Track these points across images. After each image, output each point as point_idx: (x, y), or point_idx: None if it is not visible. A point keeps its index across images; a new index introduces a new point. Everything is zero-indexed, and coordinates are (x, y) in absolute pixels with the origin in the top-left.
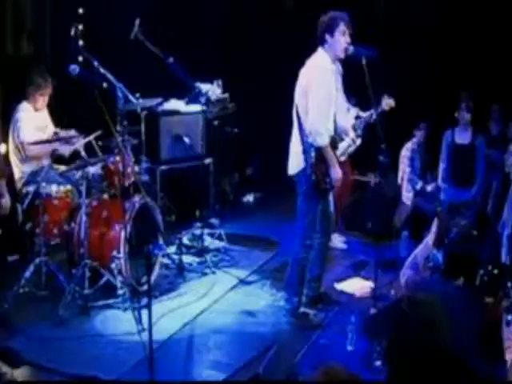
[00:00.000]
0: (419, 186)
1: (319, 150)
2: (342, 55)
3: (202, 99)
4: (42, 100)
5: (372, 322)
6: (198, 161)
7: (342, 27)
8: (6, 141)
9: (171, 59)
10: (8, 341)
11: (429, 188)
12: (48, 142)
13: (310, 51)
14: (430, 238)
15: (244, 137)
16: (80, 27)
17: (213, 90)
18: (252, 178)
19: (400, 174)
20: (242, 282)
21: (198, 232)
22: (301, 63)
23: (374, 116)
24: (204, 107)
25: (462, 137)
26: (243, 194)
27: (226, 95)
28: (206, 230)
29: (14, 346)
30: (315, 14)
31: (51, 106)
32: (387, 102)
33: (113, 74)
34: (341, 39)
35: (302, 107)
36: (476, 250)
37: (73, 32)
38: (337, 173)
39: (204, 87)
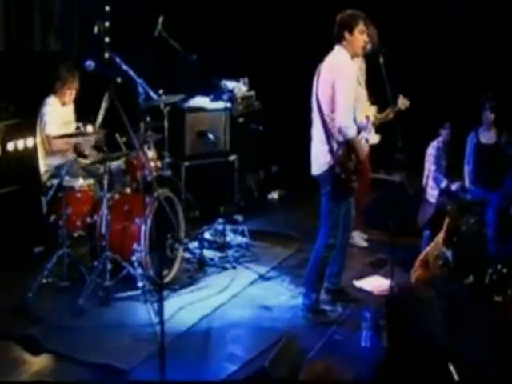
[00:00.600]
0: (444, 184)
1: (348, 145)
2: (360, 53)
3: (227, 97)
4: (69, 94)
5: None
6: (222, 157)
7: (361, 25)
8: (33, 134)
9: (194, 56)
10: (29, 329)
11: (453, 187)
12: (70, 136)
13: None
14: (440, 237)
15: (269, 134)
16: (105, 24)
17: (238, 87)
18: (277, 175)
19: (425, 173)
20: (262, 277)
21: (220, 227)
22: None
23: (391, 115)
24: (229, 104)
25: (487, 137)
26: (268, 191)
27: (252, 93)
28: (229, 226)
29: (34, 334)
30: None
31: (77, 101)
32: (403, 102)
33: (135, 71)
34: (359, 37)
35: (325, 105)
36: (485, 248)
37: (96, 29)
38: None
39: (230, 85)
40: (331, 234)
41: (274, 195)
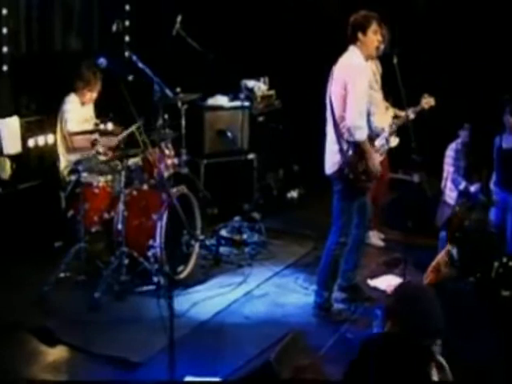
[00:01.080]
0: (463, 186)
1: (357, 147)
2: (373, 54)
3: (247, 96)
4: (90, 95)
5: None
6: (241, 156)
7: (374, 26)
8: (54, 131)
9: (211, 55)
10: (46, 321)
11: (472, 188)
12: (88, 132)
13: None
14: None
15: (290, 134)
16: (124, 23)
17: (258, 86)
18: (298, 174)
19: (444, 175)
20: (277, 274)
21: (237, 225)
22: None
23: (413, 115)
24: (248, 103)
25: (508, 141)
26: (288, 190)
27: (272, 92)
28: (246, 224)
29: (50, 326)
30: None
31: (98, 99)
32: (427, 101)
33: (151, 69)
34: (373, 38)
35: (337, 105)
36: (489, 242)
37: (114, 28)
38: (375, 166)
39: (250, 84)
40: (343, 232)
41: (294, 194)
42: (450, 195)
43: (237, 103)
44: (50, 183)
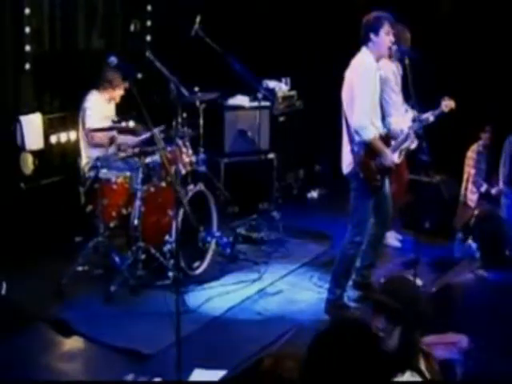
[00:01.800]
0: (484, 188)
1: (368, 146)
2: (386, 54)
3: (268, 96)
4: (116, 92)
5: None
6: (261, 155)
7: (386, 27)
8: (76, 128)
9: (230, 56)
10: (62, 312)
11: (493, 191)
12: (107, 129)
13: None
14: None
15: (312, 134)
16: (145, 23)
17: (279, 87)
18: (320, 174)
19: (465, 177)
20: (292, 272)
21: (255, 223)
22: None
23: (432, 118)
24: (269, 103)
25: None
26: (308, 190)
27: (294, 93)
28: (265, 222)
29: (67, 318)
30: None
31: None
32: (447, 104)
33: (168, 68)
34: (385, 38)
35: (347, 107)
36: (498, 229)
37: (132, 27)
38: (389, 159)
39: (271, 84)
40: (357, 230)
41: (314, 194)
42: (471, 198)
43: (257, 103)
44: (72, 179)
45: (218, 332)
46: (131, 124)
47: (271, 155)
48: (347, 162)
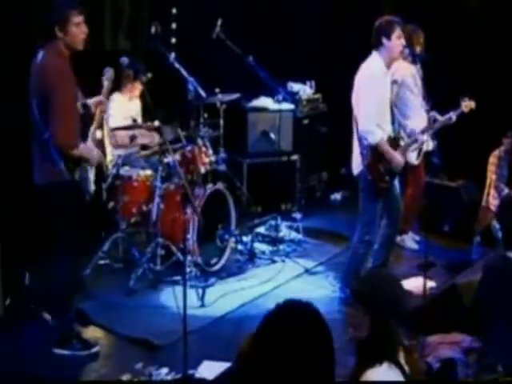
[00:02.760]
0: (505, 193)
1: (375, 149)
2: (398, 58)
3: (292, 98)
4: (135, 88)
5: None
6: (284, 156)
7: (398, 31)
8: (101, 127)
9: (250, 58)
10: (82, 303)
11: None
12: (126, 128)
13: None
14: None
15: (337, 137)
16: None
17: (304, 89)
18: (345, 177)
19: (487, 182)
20: (307, 271)
21: (276, 223)
22: None
23: (454, 118)
24: (293, 106)
25: None
26: (332, 192)
27: (318, 95)
28: (285, 222)
29: (86, 309)
30: (410, 15)
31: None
32: (467, 104)
33: (186, 69)
34: (397, 42)
35: (356, 109)
36: None
37: (153, 30)
38: (396, 162)
39: (295, 87)
40: (366, 230)
41: (337, 196)
42: (493, 202)
43: (281, 105)
44: (100, 176)
45: (230, 326)
46: (156, 123)
47: (294, 157)
48: (357, 164)
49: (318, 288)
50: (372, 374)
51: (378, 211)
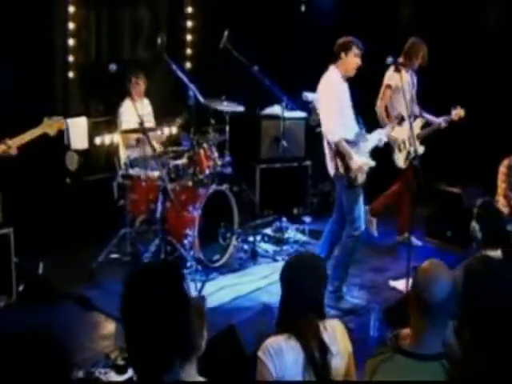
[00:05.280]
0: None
1: (335, 149)
2: (351, 73)
3: (306, 107)
4: (137, 90)
5: (389, 312)
6: (296, 162)
7: (356, 50)
8: (112, 132)
9: (256, 68)
10: (90, 291)
11: None
12: (133, 131)
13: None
14: None
15: None
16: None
17: (318, 99)
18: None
19: (498, 190)
20: None
21: (282, 225)
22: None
23: (444, 124)
24: (305, 114)
25: None
26: None
27: None
28: (294, 225)
29: (93, 296)
30: (430, 27)
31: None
32: (456, 112)
33: (187, 77)
34: (354, 59)
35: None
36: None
37: (159, 41)
38: (355, 163)
39: (310, 96)
40: (354, 226)
41: None
42: (503, 211)
43: (294, 114)
44: (113, 177)
45: (223, 316)
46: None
47: (306, 163)
48: (330, 166)
49: None
50: (271, 339)
51: (360, 205)
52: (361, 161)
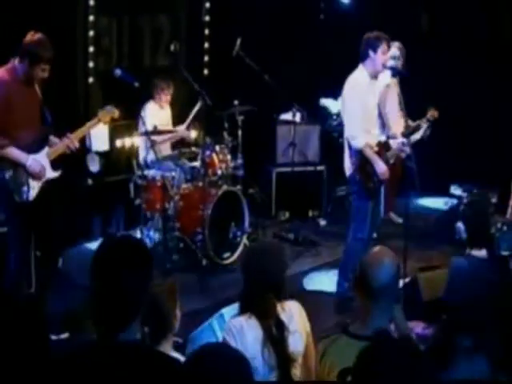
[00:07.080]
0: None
1: (361, 153)
2: (380, 71)
3: (321, 112)
4: (166, 98)
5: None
6: (311, 166)
7: (384, 46)
8: (131, 135)
9: (266, 76)
10: None
11: None
12: (149, 133)
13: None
14: None
15: None
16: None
17: (334, 105)
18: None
19: None
20: (313, 268)
21: (295, 226)
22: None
23: (425, 125)
24: (321, 120)
25: None
26: None
27: None
28: (304, 225)
29: None
30: (450, 34)
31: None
32: (431, 113)
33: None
34: (382, 57)
35: (343, 118)
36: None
37: (172, 48)
38: (381, 168)
39: (326, 102)
40: (359, 229)
41: None
42: None
43: (310, 119)
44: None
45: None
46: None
47: (321, 167)
48: (347, 166)
49: (318, 283)
50: (234, 319)
51: (368, 211)
52: (385, 166)
